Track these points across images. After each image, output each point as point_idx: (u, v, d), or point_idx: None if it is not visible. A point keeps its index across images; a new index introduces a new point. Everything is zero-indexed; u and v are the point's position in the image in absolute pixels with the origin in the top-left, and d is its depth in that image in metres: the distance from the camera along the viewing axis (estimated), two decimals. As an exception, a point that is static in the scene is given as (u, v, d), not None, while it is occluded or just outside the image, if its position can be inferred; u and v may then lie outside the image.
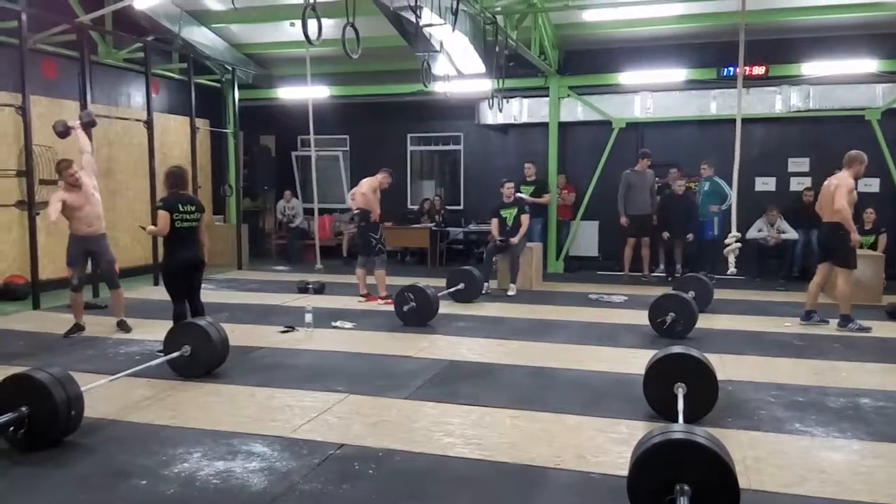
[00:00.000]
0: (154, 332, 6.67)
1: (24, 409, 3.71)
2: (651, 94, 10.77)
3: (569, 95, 11.06)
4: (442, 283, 8.45)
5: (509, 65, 10.44)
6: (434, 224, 12.21)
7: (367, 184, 8.37)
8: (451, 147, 12.97)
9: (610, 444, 3.85)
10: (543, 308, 8.07)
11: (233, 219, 12.60)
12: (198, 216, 5.89)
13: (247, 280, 10.60)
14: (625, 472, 2.97)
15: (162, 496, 3.24)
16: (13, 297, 8.40)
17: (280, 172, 13.72)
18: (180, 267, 5.90)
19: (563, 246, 11.32)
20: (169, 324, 5.66)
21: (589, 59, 11.13)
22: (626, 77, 10.68)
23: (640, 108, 10.86)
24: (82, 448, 3.83)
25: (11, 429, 3.69)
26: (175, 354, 5.11)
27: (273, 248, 13.43)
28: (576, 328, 6.98)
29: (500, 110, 10.45)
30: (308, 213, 13.39)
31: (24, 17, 7.73)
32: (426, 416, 4.36)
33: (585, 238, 11.49)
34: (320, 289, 9.30)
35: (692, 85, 10.54)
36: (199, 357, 5.17)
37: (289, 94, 12.56)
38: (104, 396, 4.55)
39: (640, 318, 6.98)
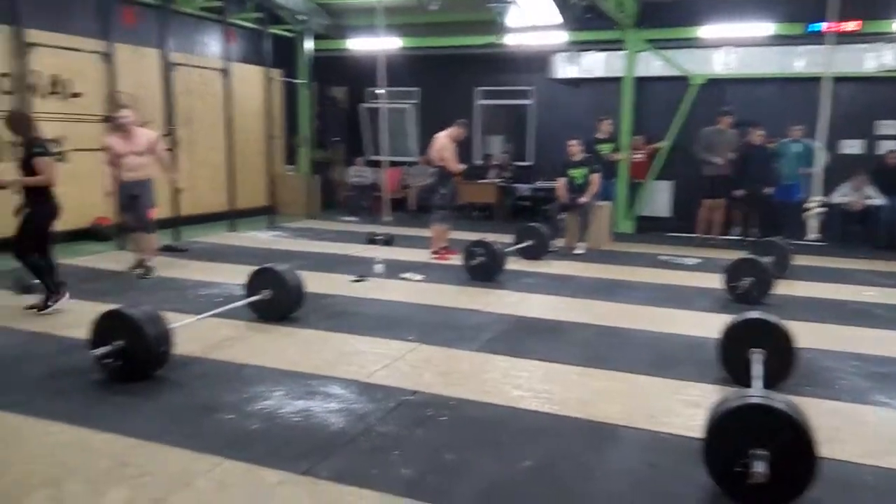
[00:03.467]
0: (230, 276, 6.93)
1: (120, 342, 3.95)
2: (733, 49, 10.31)
3: (646, 49, 10.69)
4: (509, 239, 8.44)
5: (586, 16, 10.18)
6: (502, 180, 12.14)
7: (439, 142, 8.23)
8: (521, 101, 12.77)
9: (681, 406, 3.84)
10: (612, 268, 7.99)
11: (304, 169, 12.82)
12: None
13: (318, 230, 10.83)
14: (696, 433, 2.97)
15: (247, 430, 3.42)
16: (100, 238, 8.82)
17: (350, 124, 13.82)
18: (55, 215, 5.57)
19: (634, 206, 11.11)
20: (238, 269, 5.80)
21: (668, 12, 10.68)
22: (707, 31, 10.23)
23: (721, 64, 10.42)
24: (171, 382, 4.06)
25: (109, 360, 3.94)
26: (256, 297, 5.31)
27: (343, 199, 13.62)
28: (646, 289, 6.90)
29: (576, 63, 10.24)
30: (376, 164, 13.53)
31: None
32: (496, 368, 4.43)
33: (658, 198, 11.23)
34: (389, 240, 9.43)
35: (777, 40, 10.02)
36: (277, 301, 5.36)
37: (360, 45, 12.56)
38: (190, 335, 4.76)
39: (714, 281, 6.83)
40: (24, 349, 4.62)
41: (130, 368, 3.97)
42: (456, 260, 8.07)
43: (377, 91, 12.97)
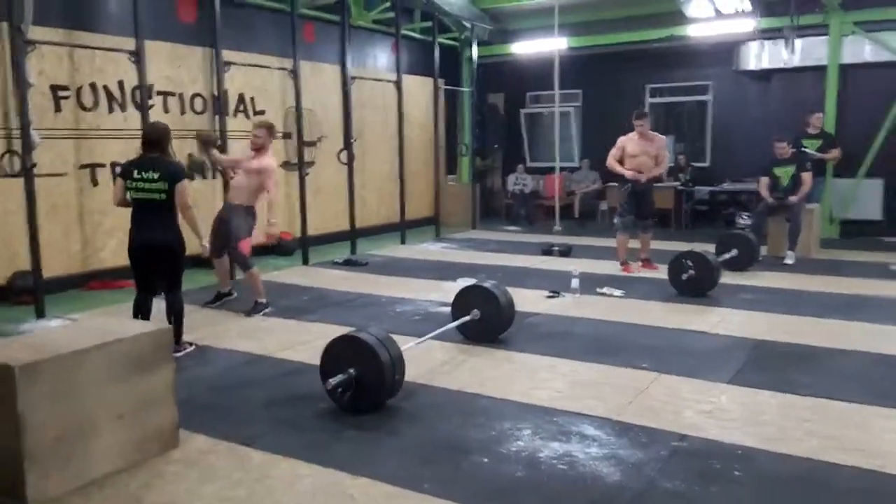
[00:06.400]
0: (419, 291, 6.69)
1: (351, 370, 3.67)
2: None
3: (853, 32, 9.47)
4: (687, 246, 7.52)
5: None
6: (679, 183, 11.26)
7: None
8: (697, 97, 11.81)
9: None
10: (840, 280, 6.98)
11: (465, 178, 12.57)
12: (162, 186, 4.52)
13: (483, 240, 10.47)
14: None
15: (510, 478, 2.99)
16: (283, 252, 8.90)
17: (508, 131, 13.45)
18: (133, 249, 4.66)
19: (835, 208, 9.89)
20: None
21: (881, -11, 9.44)
22: (932, 6, 8.91)
23: (950, 44, 9.04)
24: (404, 414, 3.73)
25: (340, 390, 3.68)
26: (466, 318, 4.94)
27: (502, 208, 13.24)
28: (893, 305, 5.90)
29: (767, 53, 9.27)
30: (537, 171, 13.05)
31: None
32: (768, 406, 3.76)
33: (866, 199, 9.91)
34: (567, 251, 8.89)
35: None
36: (487, 322, 4.97)
37: (522, 48, 12.14)
38: (406, 358, 4.46)
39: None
40: (245, 372, 4.49)
41: (363, 398, 3.69)
42: (648, 273, 7.44)
43: (534, 95, 12.63)
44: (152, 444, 3.21)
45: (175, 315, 4.78)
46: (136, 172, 4.58)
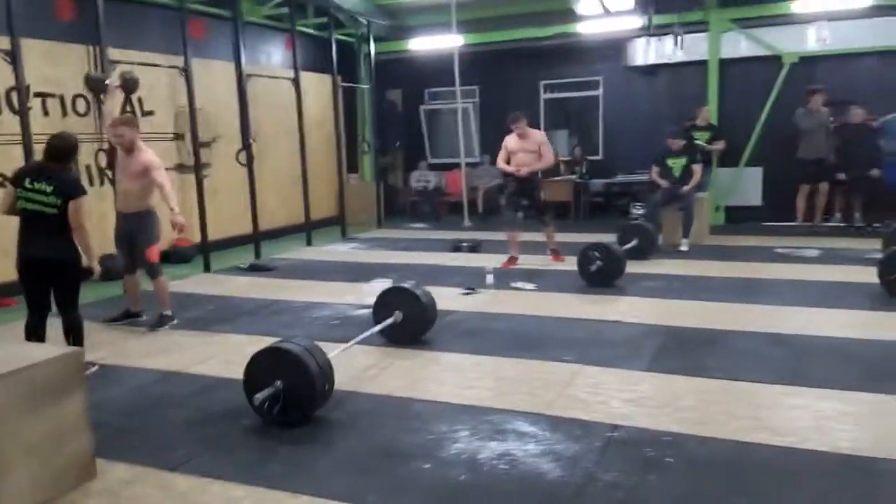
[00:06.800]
0: (334, 294, 6.56)
1: (279, 383, 3.54)
2: (828, 23, 9.68)
3: (731, 29, 10.09)
4: (586, 238, 7.75)
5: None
6: (577, 176, 11.63)
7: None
8: (588, 93, 12.23)
9: (933, 429, 3.33)
10: (732, 265, 7.42)
11: (367, 176, 12.44)
12: (54, 201, 4.14)
13: (392, 239, 10.41)
14: None
15: (456, 483, 2.97)
16: (180, 259, 8.48)
17: (408, 128, 13.41)
18: (21, 264, 4.31)
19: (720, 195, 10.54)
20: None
21: (755, -12, 10.09)
22: (799, 5, 9.62)
23: (815, 40, 9.80)
24: (337, 424, 3.64)
25: (267, 404, 3.53)
26: (389, 321, 4.88)
27: (407, 205, 13.20)
28: (785, 287, 6.35)
29: (653, 49, 9.73)
30: (439, 168, 13.10)
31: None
32: (685, 391, 3.94)
33: (747, 186, 10.60)
34: (476, 247, 8.98)
35: (879, 11, 9.37)
36: (410, 323, 4.93)
37: (419, 45, 12.13)
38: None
39: (856, 274, 6.33)
40: (159, 391, 4.24)
41: (292, 411, 3.56)
42: (557, 265, 7.64)
43: (433, 92, 12.68)
44: (69, 477, 2.97)
45: (74, 334, 4.44)
46: (27, 181, 4.20)
